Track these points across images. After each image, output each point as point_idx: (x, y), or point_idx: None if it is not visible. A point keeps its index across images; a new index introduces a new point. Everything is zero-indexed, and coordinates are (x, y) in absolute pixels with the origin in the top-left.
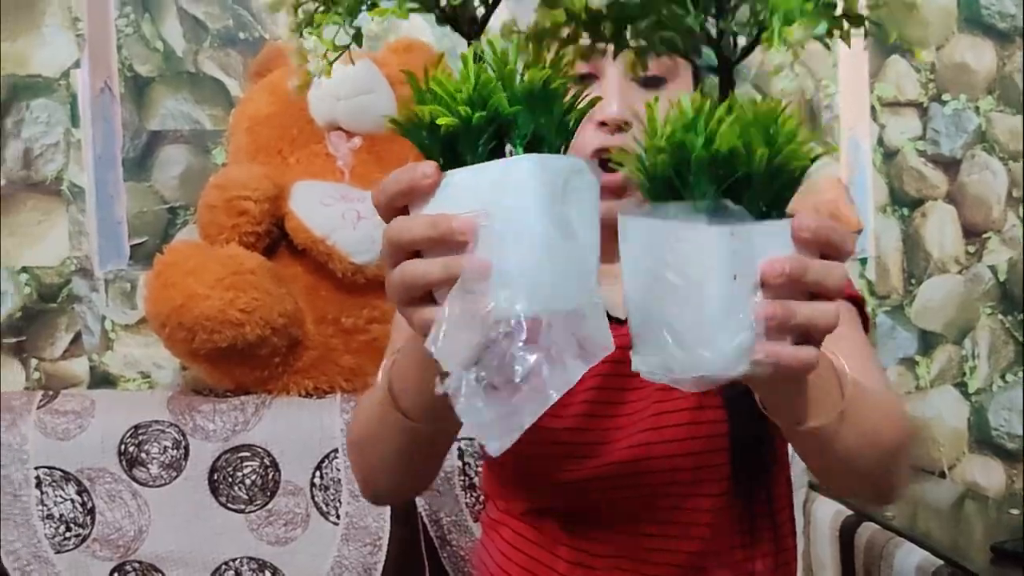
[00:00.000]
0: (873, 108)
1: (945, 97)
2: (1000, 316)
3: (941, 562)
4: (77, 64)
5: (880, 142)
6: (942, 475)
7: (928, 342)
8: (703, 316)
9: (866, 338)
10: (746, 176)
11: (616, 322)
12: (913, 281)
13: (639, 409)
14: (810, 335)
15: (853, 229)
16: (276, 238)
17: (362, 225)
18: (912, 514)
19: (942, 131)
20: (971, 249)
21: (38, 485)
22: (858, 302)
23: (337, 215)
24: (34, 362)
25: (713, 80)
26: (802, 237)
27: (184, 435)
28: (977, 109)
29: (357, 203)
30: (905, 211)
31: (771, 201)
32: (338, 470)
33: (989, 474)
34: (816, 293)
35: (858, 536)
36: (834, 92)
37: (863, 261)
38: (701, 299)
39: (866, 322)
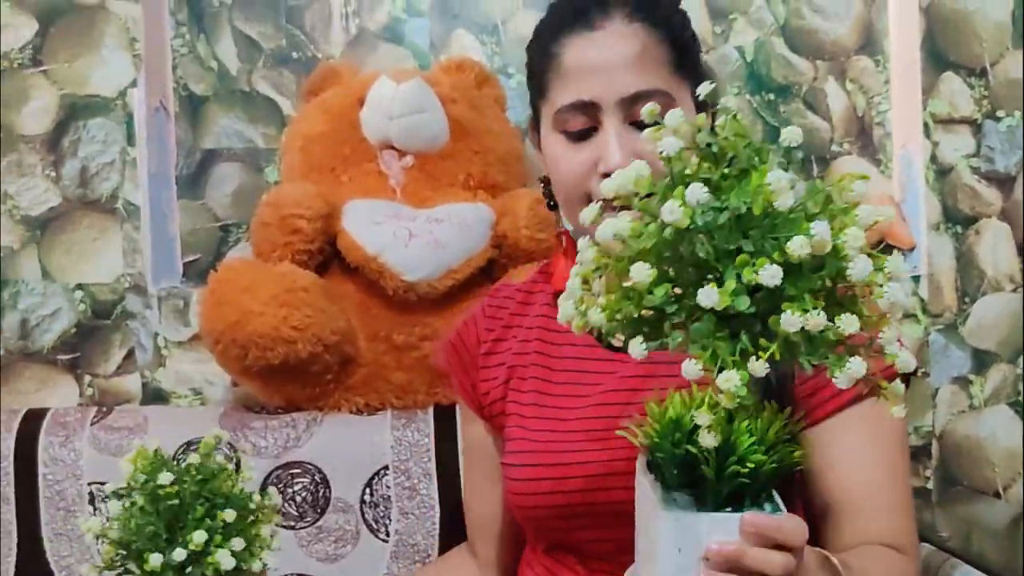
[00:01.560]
0: (926, 125)
1: (999, 114)
2: None
3: None
4: (133, 83)
5: (933, 159)
6: (997, 495)
7: (982, 361)
8: (656, 572)
9: (895, 431)
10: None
11: (623, 351)
12: (967, 299)
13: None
14: None
15: (906, 247)
16: (328, 256)
17: (413, 243)
18: (967, 535)
19: (996, 148)
20: None
21: (91, 501)
22: (897, 377)
23: (389, 233)
24: (88, 378)
25: None
26: (746, 531)
27: (236, 451)
28: None
29: (408, 221)
30: (959, 229)
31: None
32: (388, 487)
33: None
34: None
35: None
36: (886, 109)
37: (916, 279)
38: (656, 559)
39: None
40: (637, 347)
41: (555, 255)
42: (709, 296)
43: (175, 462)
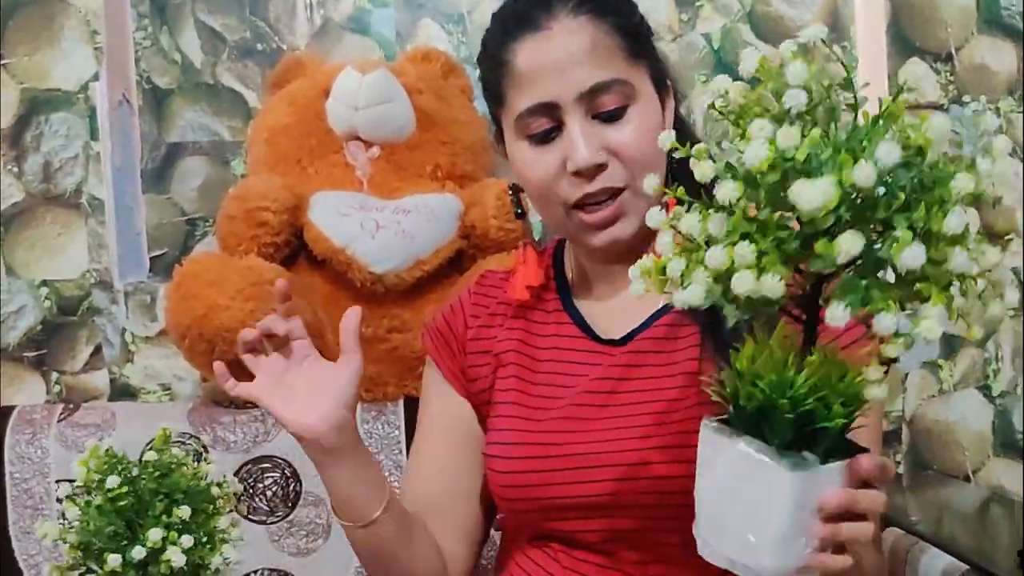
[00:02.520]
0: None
1: (965, 99)
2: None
3: (967, 567)
4: (96, 77)
5: None
6: (966, 479)
7: (951, 345)
8: (771, 532)
9: (878, 415)
10: (822, 428)
11: (610, 343)
12: None
13: (633, 436)
14: (850, 547)
15: None
16: (295, 248)
17: (381, 235)
18: (937, 519)
19: (963, 134)
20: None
21: (59, 499)
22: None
23: (356, 225)
24: (55, 375)
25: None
26: (854, 477)
27: (205, 447)
28: (998, 111)
29: (376, 212)
30: None
31: (838, 444)
32: None
33: (1014, 477)
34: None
35: (883, 541)
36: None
37: None
38: (771, 520)
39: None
40: (838, 311)
41: (516, 264)
42: (914, 255)
43: (139, 459)
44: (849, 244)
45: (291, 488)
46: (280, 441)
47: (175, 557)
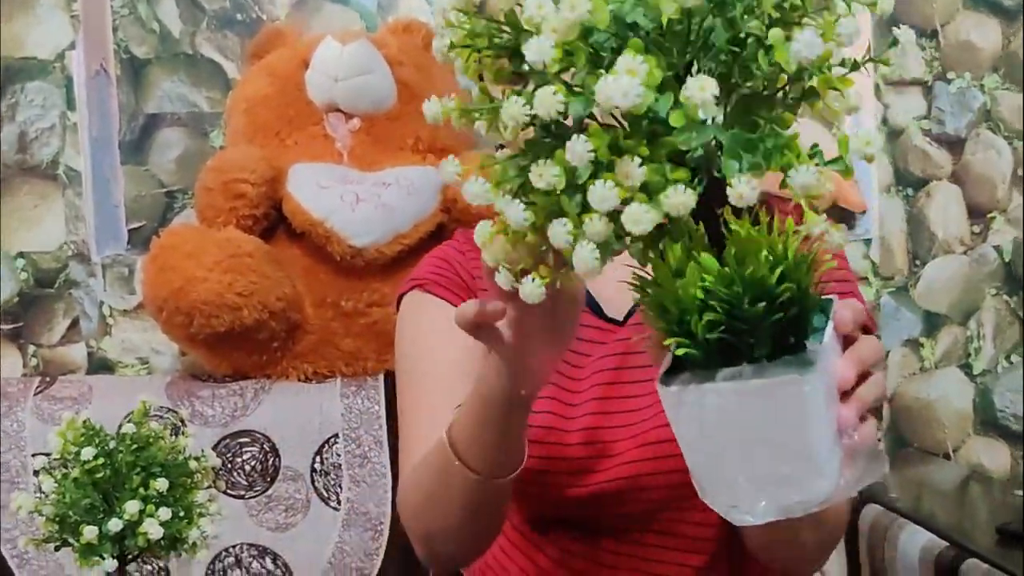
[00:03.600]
0: (877, 87)
1: (950, 75)
2: (1005, 297)
3: (946, 544)
4: (72, 46)
5: (884, 121)
6: (947, 457)
7: (933, 323)
8: (814, 449)
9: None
10: (798, 310)
11: (614, 323)
12: (918, 262)
13: (643, 419)
14: (871, 410)
15: (857, 210)
16: (274, 221)
17: (361, 207)
18: (917, 496)
19: (947, 110)
20: (976, 229)
21: (36, 472)
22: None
23: (335, 197)
24: (32, 348)
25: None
26: (847, 329)
27: (183, 421)
28: (982, 87)
29: (356, 185)
30: (910, 191)
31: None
32: (338, 455)
33: (994, 455)
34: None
35: (862, 518)
36: None
37: (867, 242)
38: (807, 438)
39: None
40: (742, 183)
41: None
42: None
43: (117, 432)
44: (701, 85)
45: (270, 463)
46: (259, 415)
47: (152, 530)
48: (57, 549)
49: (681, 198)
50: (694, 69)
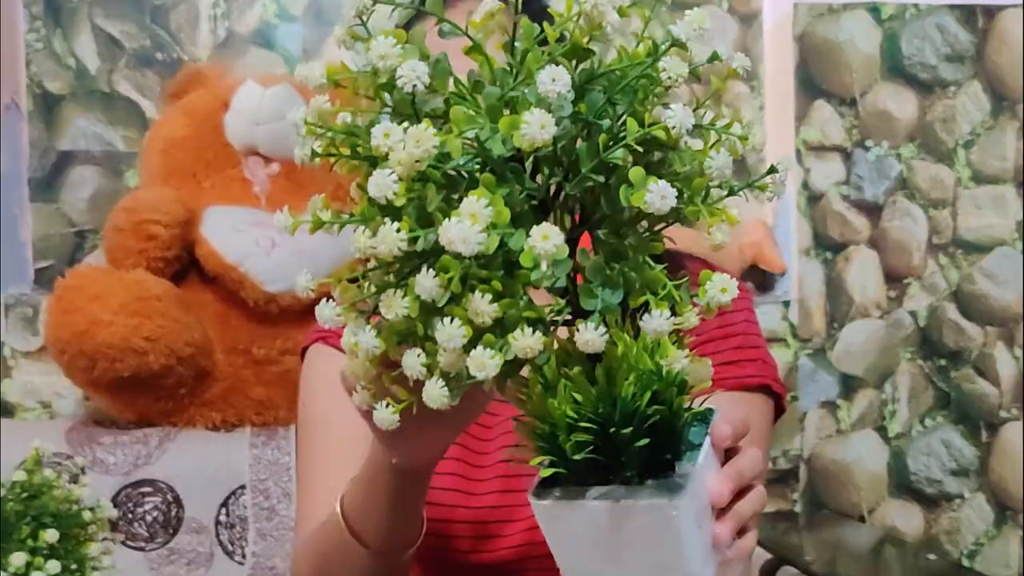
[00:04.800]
0: (798, 152)
1: (868, 143)
2: (920, 361)
3: None
4: None
5: (805, 185)
6: (861, 519)
7: (849, 386)
8: (684, 566)
9: (767, 434)
10: (670, 430)
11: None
12: (835, 325)
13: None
14: (751, 522)
15: (777, 271)
16: (186, 264)
17: (276, 253)
18: (831, 558)
19: (865, 176)
20: (892, 294)
21: None
22: (779, 396)
23: (251, 242)
24: None
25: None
26: (725, 445)
27: (82, 469)
28: (899, 156)
29: (272, 230)
30: (828, 255)
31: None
32: (245, 507)
33: (908, 518)
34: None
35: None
36: (760, 134)
37: (786, 304)
38: (678, 560)
39: (780, 413)
40: (589, 332)
41: None
42: (662, 194)
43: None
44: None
45: (172, 513)
46: (163, 464)
47: None
48: None
49: (528, 341)
50: (562, 194)
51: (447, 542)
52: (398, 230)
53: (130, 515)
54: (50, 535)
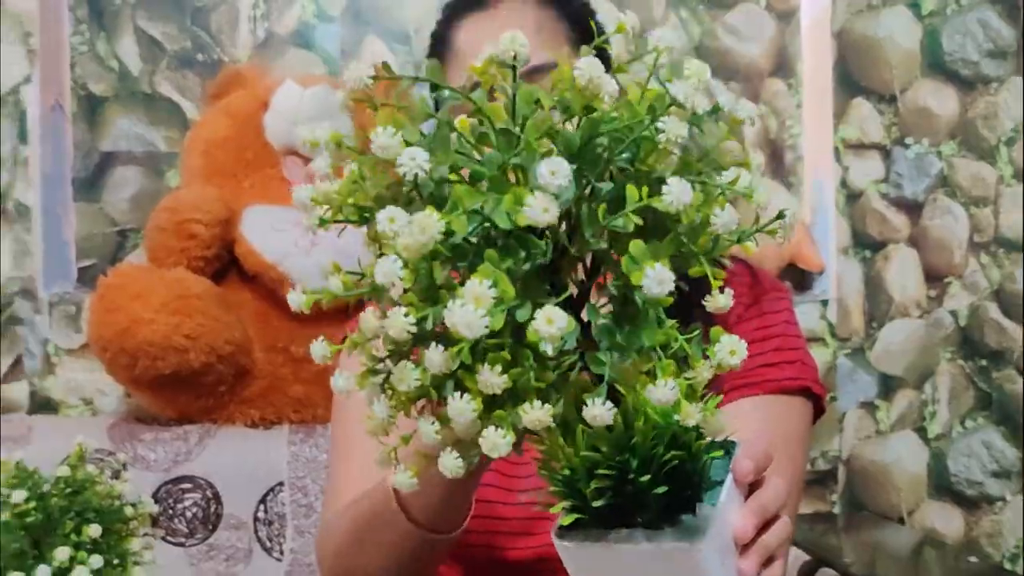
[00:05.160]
0: (837, 150)
1: (908, 140)
2: (960, 361)
3: None
4: (28, 80)
5: (843, 183)
6: (901, 521)
7: (888, 386)
8: None
9: (805, 436)
10: (689, 473)
11: None
12: (874, 324)
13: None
14: (779, 551)
15: (815, 270)
16: (226, 263)
17: (315, 252)
18: (870, 560)
19: (905, 174)
20: (932, 293)
21: None
22: (819, 398)
23: (289, 241)
24: None
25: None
26: (747, 480)
27: (124, 465)
28: (939, 154)
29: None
30: (867, 253)
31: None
32: (283, 504)
33: (948, 520)
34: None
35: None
36: (798, 133)
37: (824, 303)
38: None
39: (820, 415)
40: (598, 407)
41: None
42: (660, 279)
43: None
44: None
45: (212, 510)
46: (202, 461)
47: None
48: None
49: (538, 415)
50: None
51: (487, 538)
52: (406, 314)
53: (170, 511)
54: (93, 530)
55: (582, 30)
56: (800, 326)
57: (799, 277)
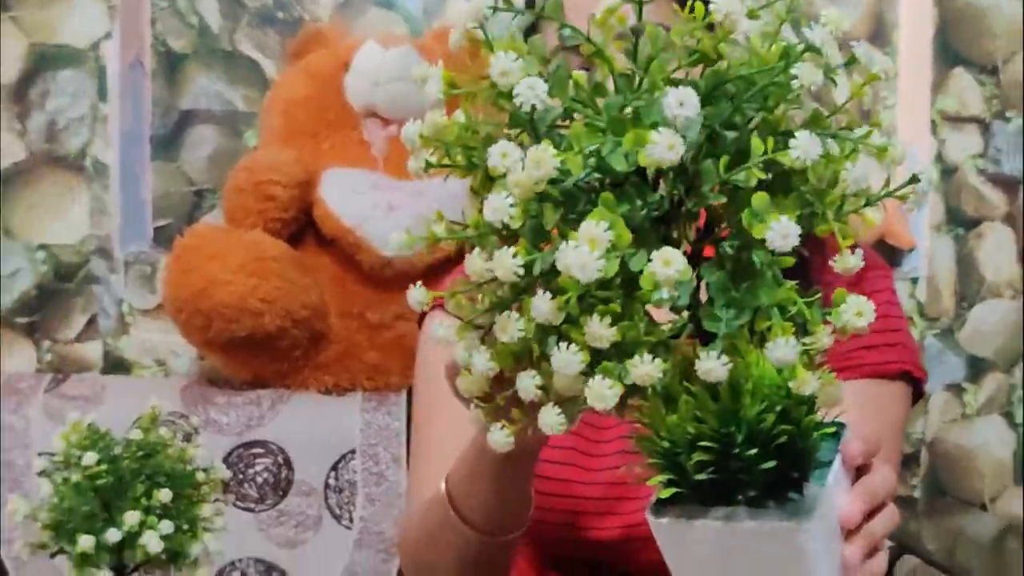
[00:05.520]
0: (933, 122)
1: (1009, 114)
2: None
3: None
4: (108, 36)
5: (939, 157)
6: (983, 507)
7: (977, 368)
8: None
9: (904, 422)
10: (798, 450)
11: None
12: (964, 304)
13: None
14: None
15: (905, 247)
16: (303, 225)
17: (394, 216)
18: (951, 547)
19: (1003, 149)
20: None
21: (41, 472)
22: (919, 381)
23: (368, 204)
24: (47, 343)
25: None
26: (855, 464)
27: (196, 429)
28: None
29: (390, 193)
30: (960, 231)
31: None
32: (354, 472)
33: None
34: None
35: (897, 570)
36: (893, 104)
37: (914, 280)
38: None
39: (919, 399)
40: (711, 362)
41: None
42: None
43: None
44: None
45: (283, 476)
46: (274, 426)
47: (152, 543)
48: (53, 556)
49: (647, 368)
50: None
51: (567, 517)
52: (514, 255)
53: (241, 476)
54: (164, 495)
55: None
56: (901, 306)
57: (889, 253)
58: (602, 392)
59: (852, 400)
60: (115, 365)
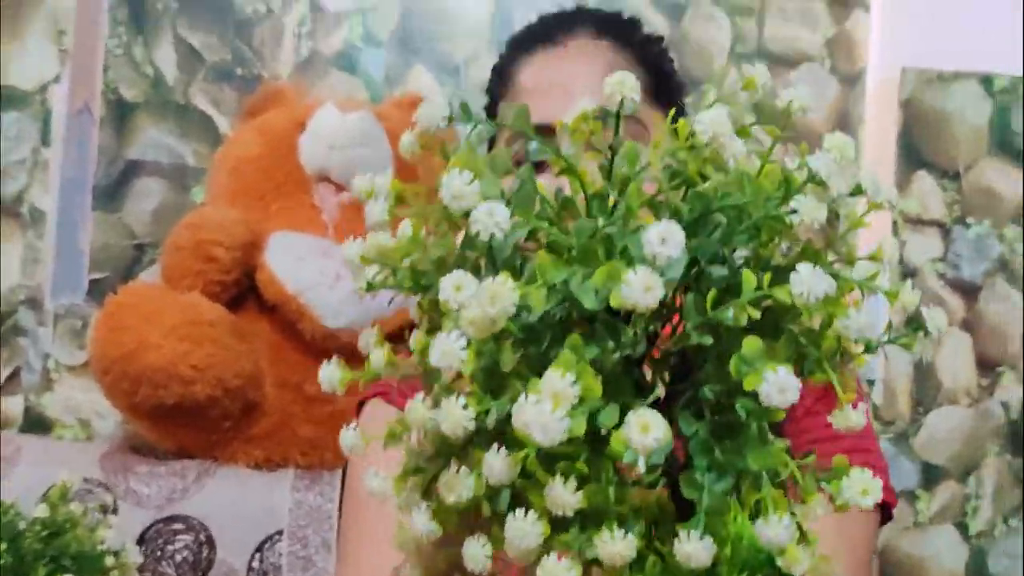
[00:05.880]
0: (895, 223)
1: (969, 220)
2: (1008, 456)
3: None
4: (57, 79)
5: (900, 259)
6: None
7: (931, 476)
8: None
9: (872, 548)
10: None
11: None
12: (921, 409)
13: None
14: None
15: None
16: (245, 289)
17: (340, 286)
18: None
19: (963, 255)
20: (984, 382)
21: None
22: (888, 506)
23: (316, 272)
24: None
25: None
26: None
27: (114, 500)
28: (1001, 236)
29: (337, 261)
30: (919, 335)
31: None
32: (279, 555)
33: None
34: None
35: None
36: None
37: (871, 383)
38: None
39: (887, 521)
40: (693, 544)
41: None
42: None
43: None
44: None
45: (203, 555)
46: (198, 501)
47: None
48: None
49: (618, 548)
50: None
51: None
52: (465, 406)
53: (159, 552)
54: None
55: (659, 81)
56: (872, 423)
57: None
58: (557, 575)
59: (821, 535)
60: (35, 422)
